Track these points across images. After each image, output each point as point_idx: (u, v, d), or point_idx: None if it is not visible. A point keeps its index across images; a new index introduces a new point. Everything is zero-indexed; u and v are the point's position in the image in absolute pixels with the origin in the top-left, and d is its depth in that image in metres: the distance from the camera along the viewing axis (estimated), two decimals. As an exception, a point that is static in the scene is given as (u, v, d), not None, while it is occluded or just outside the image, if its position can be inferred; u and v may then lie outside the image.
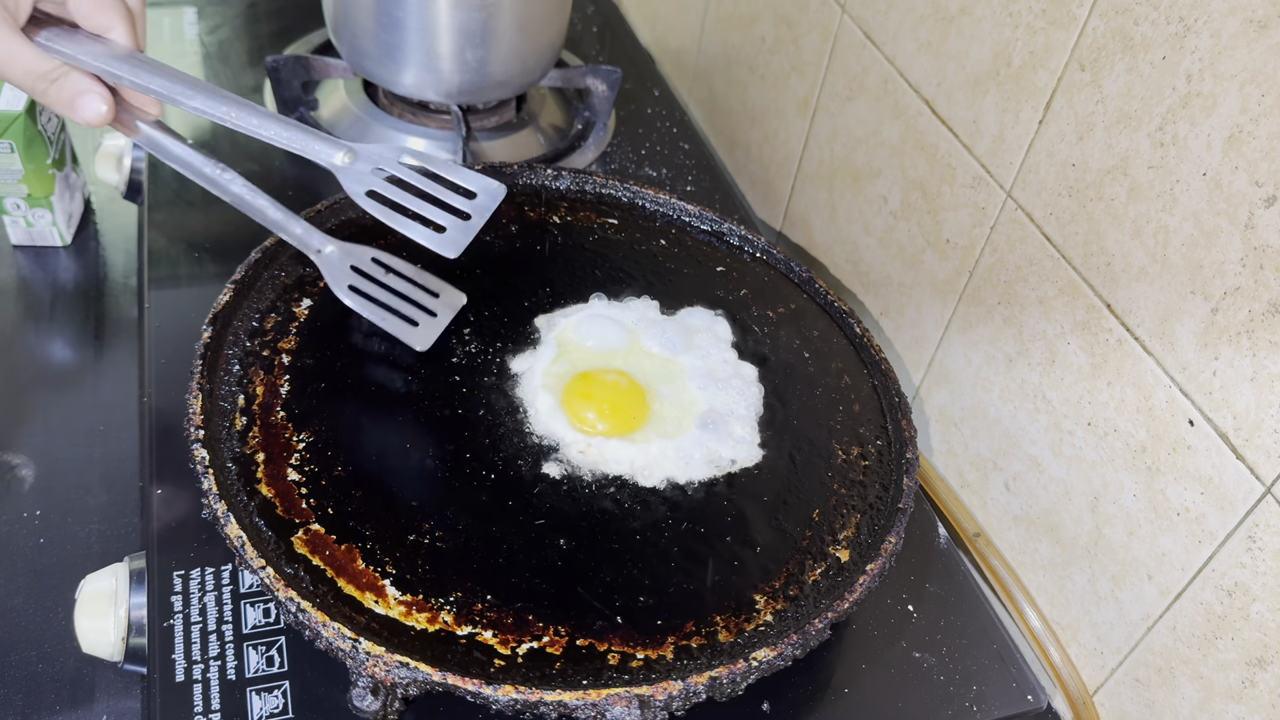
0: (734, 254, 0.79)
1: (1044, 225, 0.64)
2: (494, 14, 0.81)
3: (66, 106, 0.54)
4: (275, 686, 0.53)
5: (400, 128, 0.89)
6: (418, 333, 0.65)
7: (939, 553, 0.67)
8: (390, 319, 0.65)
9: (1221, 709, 0.56)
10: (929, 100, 0.72)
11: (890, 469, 0.65)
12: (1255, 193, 0.50)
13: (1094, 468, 0.62)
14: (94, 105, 0.54)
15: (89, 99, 0.54)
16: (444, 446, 0.61)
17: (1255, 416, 0.51)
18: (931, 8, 0.71)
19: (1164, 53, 0.54)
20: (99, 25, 0.54)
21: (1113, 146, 0.58)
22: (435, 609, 0.53)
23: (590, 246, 0.77)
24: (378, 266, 0.66)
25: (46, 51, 0.53)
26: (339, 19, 0.85)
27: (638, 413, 0.64)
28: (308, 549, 0.54)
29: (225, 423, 0.59)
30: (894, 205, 0.78)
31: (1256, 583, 0.52)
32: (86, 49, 0.54)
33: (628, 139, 0.97)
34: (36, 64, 0.52)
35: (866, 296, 0.83)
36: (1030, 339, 0.66)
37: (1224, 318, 0.52)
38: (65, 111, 0.54)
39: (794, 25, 0.88)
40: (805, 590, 0.57)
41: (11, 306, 0.83)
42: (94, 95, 0.54)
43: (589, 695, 0.48)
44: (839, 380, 0.70)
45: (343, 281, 0.65)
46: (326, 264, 0.65)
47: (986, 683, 0.60)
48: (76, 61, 0.54)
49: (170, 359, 0.69)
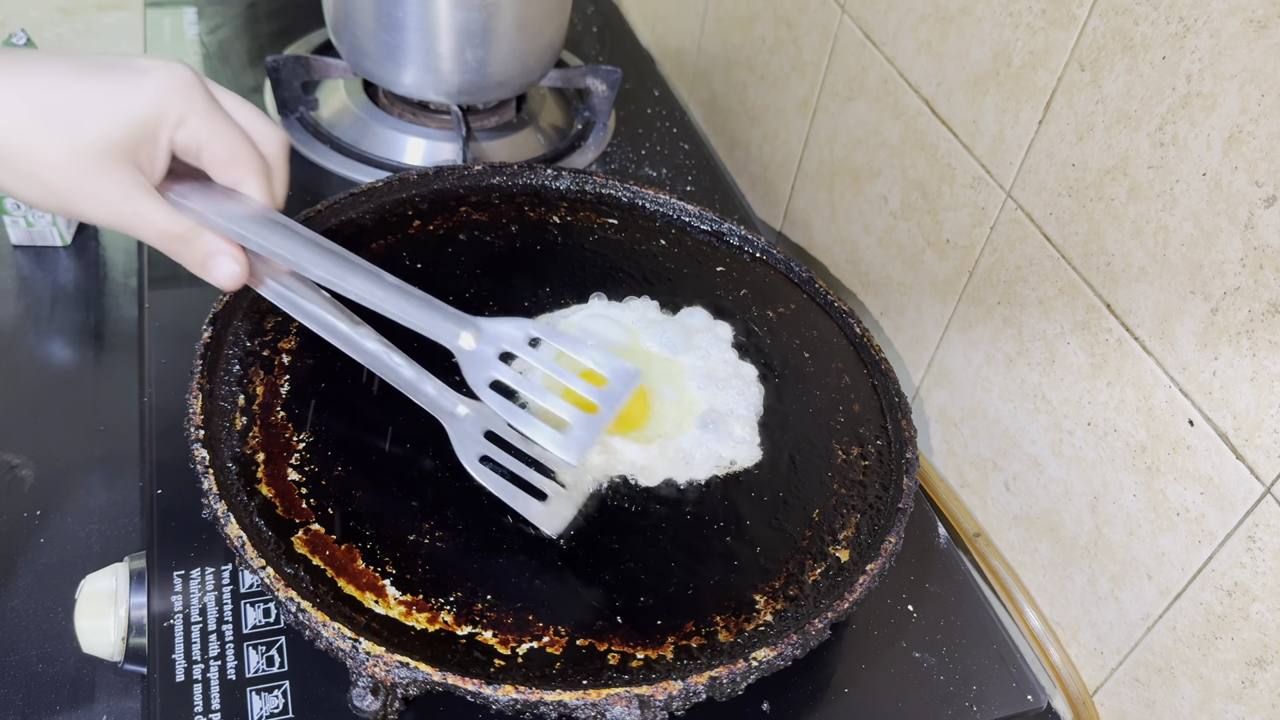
0: (734, 254, 0.79)
1: (1044, 225, 0.64)
2: (494, 14, 0.81)
3: (199, 268, 0.53)
4: (275, 686, 0.53)
5: (400, 128, 0.89)
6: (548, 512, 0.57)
7: (939, 553, 0.67)
8: (519, 497, 0.56)
9: (1221, 709, 0.56)
10: (929, 100, 0.72)
11: (890, 469, 0.65)
12: (1255, 193, 0.50)
13: (1094, 468, 0.62)
14: (228, 267, 0.53)
15: (222, 260, 0.53)
16: (444, 446, 0.61)
17: (1255, 416, 0.51)
18: (931, 8, 0.71)
19: (1164, 53, 0.54)
20: (232, 180, 0.53)
21: (1113, 146, 0.58)
22: (435, 609, 0.53)
23: (590, 246, 0.77)
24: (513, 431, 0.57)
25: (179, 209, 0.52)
26: (339, 19, 0.85)
27: (638, 413, 0.64)
28: (308, 549, 0.54)
29: (225, 423, 0.59)
30: (894, 205, 0.78)
31: (1256, 583, 0.52)
32: (217, 208, 0.53)
33: (628, 139, 0.97)
34: (169, 225, 0.51)
35: (866, 296, 0.83)
36: (1030, 339, 0.66)
37: (1224, 318, 0.52)
38: (199, 272, 0.54)
39: (794, 25, 0.88)
40: (805, 590, 0.57)
41: (11, 306, 0.83)
42: (227, 257, 0.53)
43: (589, 695, 0.48)
44: (839, 380, 0.70)
45: (474, 451, 0.56)
46: (458, 430, 0.57)
47: (986, 683, 0.60)
48: (207, 221, 0.52)
49: (170, 359, 0.69)
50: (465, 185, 0.79)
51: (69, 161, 0.47)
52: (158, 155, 0.50)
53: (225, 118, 0.52)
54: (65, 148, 0.47)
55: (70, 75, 0.48)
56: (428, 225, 0.75)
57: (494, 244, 0.75)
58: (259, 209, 0.54)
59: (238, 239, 0.53)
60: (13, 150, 0.47)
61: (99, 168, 0.48)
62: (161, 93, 0.49)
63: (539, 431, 0.54)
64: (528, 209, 0.79)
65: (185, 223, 0.52)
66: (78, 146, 0.47)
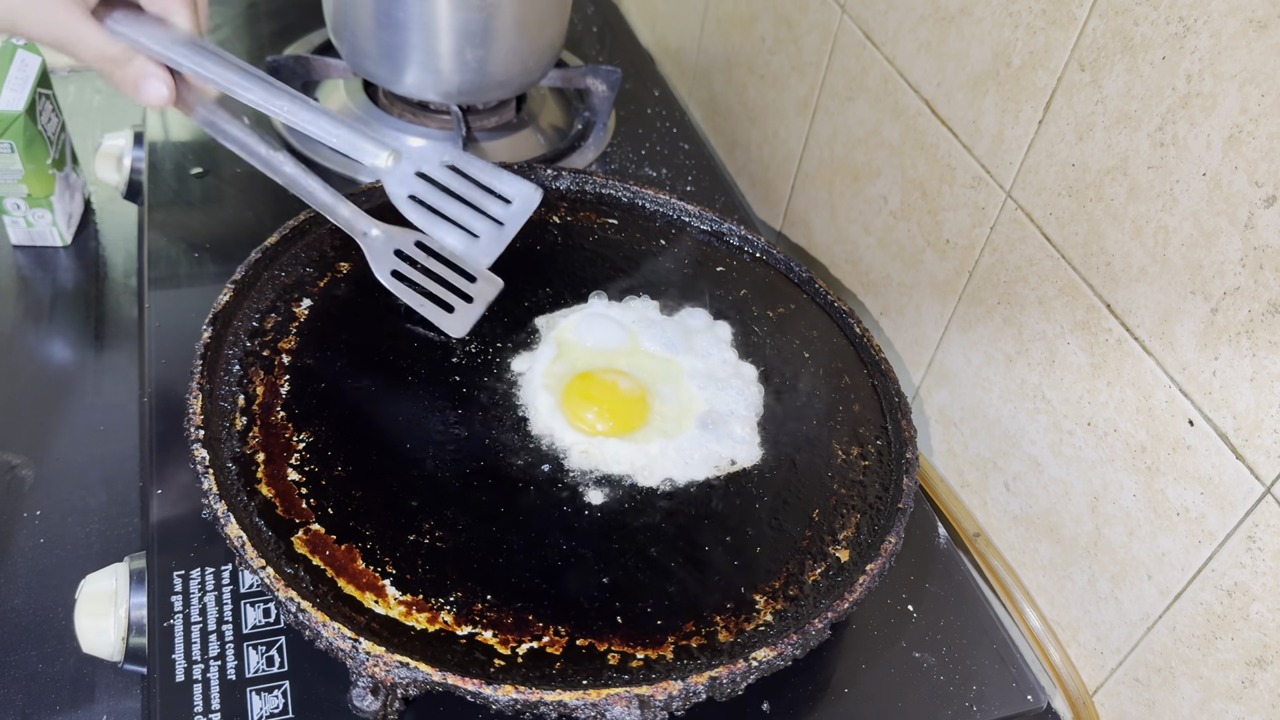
0: (734, 254, 0.79)
1: (1044, 225, 0.64)
2: (494, 14, 0.81)
3: (131, 88, 0.57)
4: (275, 686, 0.53)
5: (400, 128, 0.89)
6: (454, 319, 0.65)
7: (939, 553, 0.67)
8: (427, 305, 0.65)
9: (1221, 709, 0.56)
10: (929, 100, 0.72)
11: (890, 469, 0.65)
12: (1255, 193, 0.50)
13: (1094, 468, 0.62)
14: (156, 89, 0.57)
15: (152, 83, 0.57)
16: (444, 446, 0.61)
17: (1255, 416, 0.51)
18: (931, 8, 0.71)
19: (1164, 53, 0.54)
20: (161, 9, 0.56)
21: (1113, 146, 0.58)
22: (435, 609, 0.53)
23: (590, 246, 0.77)
24: (420, 251, 0.66)
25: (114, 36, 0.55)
26: (339, 19, 0.85)
27: (638, 413, 0.64)
28: (308, 549, 0.54)
29: (225, 423, 0.59)
30: (894, 205, 0.78)
31: (1256, 583, 0.52)
32: (150, 34, 0.56)
33: (628, 139, 0.97)
34: (105, 48, 0.54)
35: (866, 296, 0.83)
36: (1030, 339, 0.66)
37: (1224, 318, 0.53)
38: (130, 93, 0.57)
39: (794, 25, 0.88)
40: (805, 590, 0.57)
41: (11, 306, 0.83)
42: (156, 79, 0.57)
43: (589, 695, 0.48)
44: (839, 380, 0.70)
45: (386, 266, 0.65)
46: (371, 247, 0.65)
47: (986, 683, 0.60)
48: (140, 46, 0.56)
49: (170, 359, 0.69)
50: (465, 185, 0.79)
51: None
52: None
53: None
54: None
55: None
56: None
57: (494, 244, 0.75)
58: (188, 35, 0.57)
59: (170, 63, 0.57)
60: None
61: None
62: None
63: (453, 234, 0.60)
64: (528, 209, 0.79)
65: (119, 46, 0.55)
66: None
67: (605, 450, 0.62)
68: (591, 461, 0.61)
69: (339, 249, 0.70)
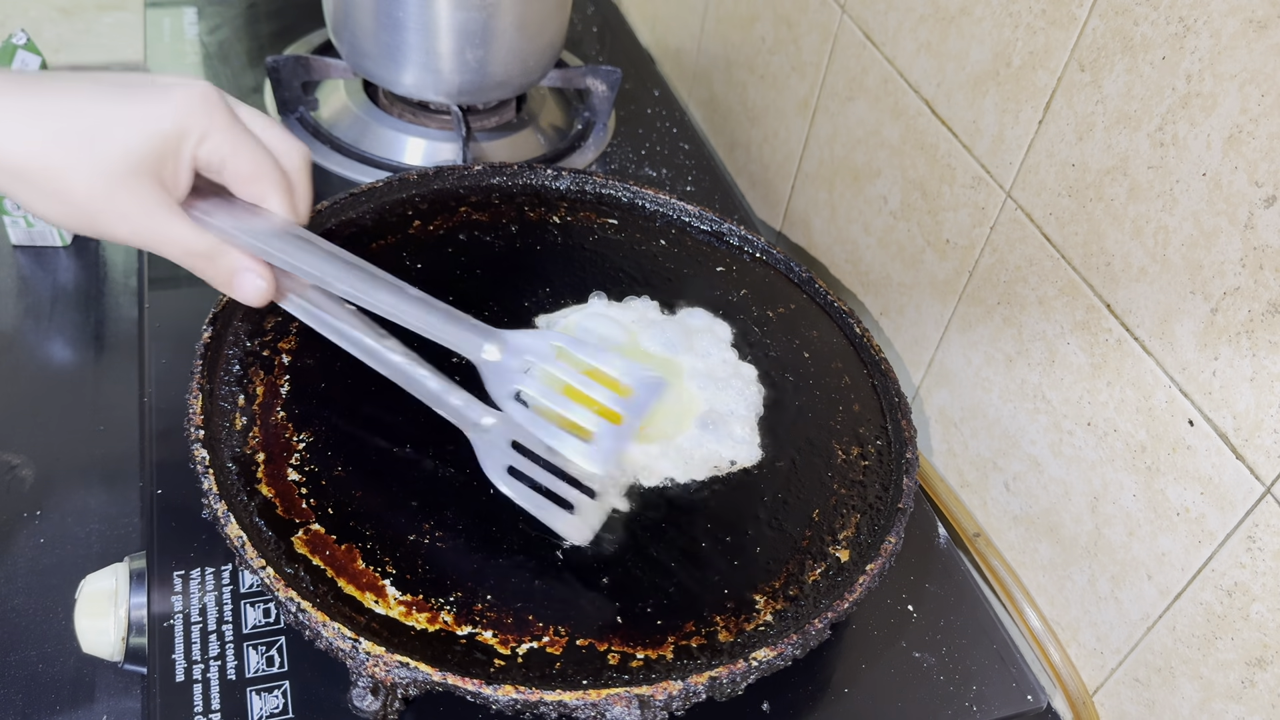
0: (734, 254, 0.79)
1: (1044, 225, 0.64)
2: (494, 14, 0.81)
3: (225, 285, 0.54)
4: (275, 686, 0.53)
5: (400, 128, 0.89)
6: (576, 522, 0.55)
7: (939, 553, 0.67)
8: (548, 509, 0.55)
9: (1221, 709, 0.56)
10: (929, 100, 0.72)
11: (890, 469, 0.65)
12: (1255, 193, 0.50)
13: (1094, 468, 0.62)
14: (253, 283, 0.53)
15: (247, 278, 0.53)
16: (444, 446, 0.61)
17: (1255, 416, 0.51)
18: (931, 8, 0.71)
19: (1164, 53, 0.54)
20: (254, 195, 0.53)
21: (1112, 146, 0.58)
22: (435, 609, 0.53)
23: (590, 246, 0.77)
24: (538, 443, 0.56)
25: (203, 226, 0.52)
26: (339, 19, 0.85)
27: (638, 413, 0.64)
28: (308, 549, 0.54)
29: (225, 423, 0.59)
30: (894, 205, 0.78)
31: (1256, 583, 0.52)
32: (241, 224, 0.53)
33: (628, 139, 0.97)
34: (194, 243, 0.51)
35: (866, 296, 0.83)
36: (1030, 339, 0.66)
37: (1224, 318, 0.53)
38: (225, 289, 0.54)
39: (794, 25, 0.88)
40: (805, 590, 0.57)
41: (11, 306, 0.83)
42: (252, 274, 0.53)
43: (589, 695, 0.48)
44: (839, 380, 0.70)
45: (500, 462, 0.55)
46: (484, 442, 0.56)
47: (986, 683, 0.60)
48: (230, 237, 0.52)
49: (170, 359, 0.69)
50: (465, 185, 0.79)
51: (94, 181, 0.48)
52: (181, 172, 0.50)
53: (246, 133, 0.52)
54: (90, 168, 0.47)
55: (93, 95, 0.48)
56: (428, 225, 0.75)
57: (494, 244, 0.75)
58: (282, 224, 0.54)
59: (261, 255, 0.53)
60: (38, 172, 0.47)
61: (123, 186, 0.48)
62: (183, 109, 0.49)
63: (565, 443, 0.54)
64: (528, 209, 0.79)
65: (209, 240, 0.52)
66: (102, 166, 0.47)
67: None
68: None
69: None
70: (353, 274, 0.55)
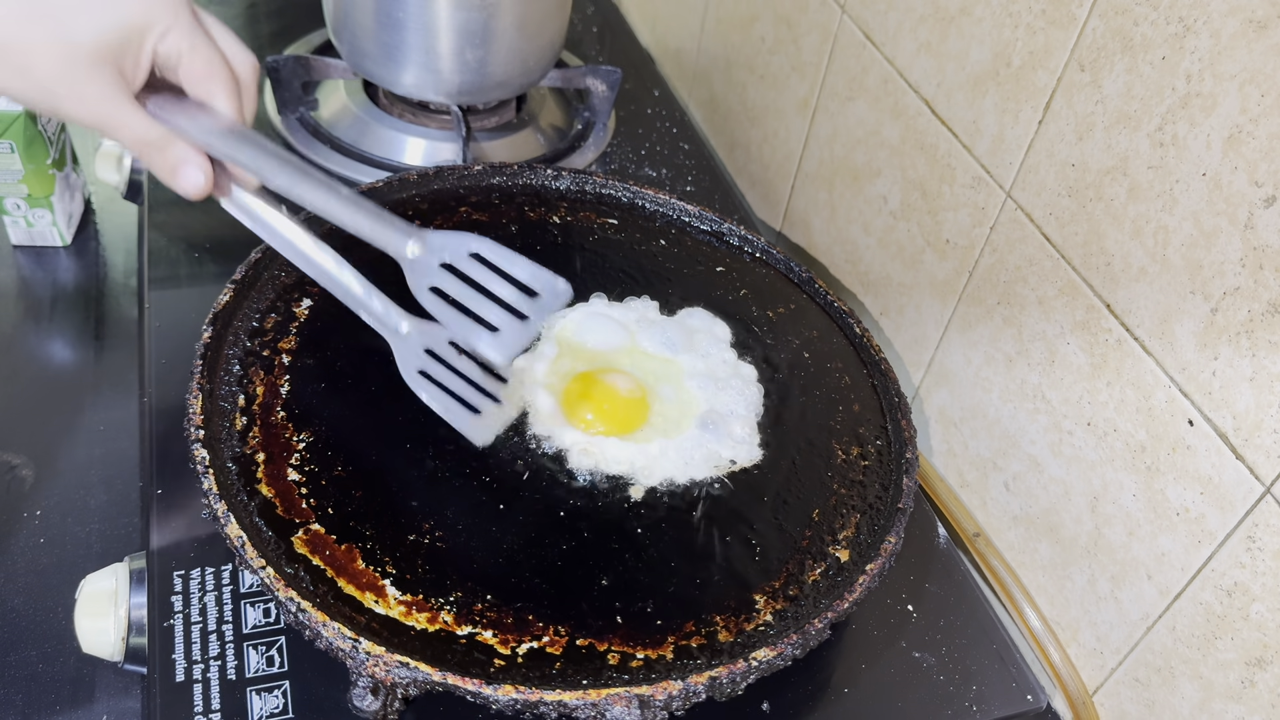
0: (734, 254, 0.79)
1: (1044, 225, 0.64)
2: (494, 14, 0.81)
3: (168, 174, 0.56)
4: (275, 686, 0.53)
5: (400, 128, 0.89)
6: (478, 425, 0.60)
7: (939, 553, 0.67)
8: (453, 409, 0.59)
9: (1221, 709, 0.56)
10: (929, 100, 0.72)
11: (890, 469, 0.65)
12: (1255, 193, 0.50)
13: (1094, 468, 0.62)
14: (193, 176, 0.55)
15: (189, 169, 0.55)
16: (444, 446, 0.61)
17: (1255, 416, 0.51)
18: (931, 8, 0.71)
19: (1164, 53, 0.54)
20: (204, 94, 0.55)
21: (1112, 146, 0.58)
22: (435, 609, 0.53)
23: (590, 246, 0.77)
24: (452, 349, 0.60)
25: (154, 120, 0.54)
26: (339, 19, 0.85)
27: (637, 413, 0.64)
28: (308, 549, 0.54)
29: (225, 423, 0.59)
30: (894, 205, 0.78)
31: (1256, 583, 0.52)
32: (189, 119, 0.55)
33: (628, 139, 0.97)
34: (145, 132, 0.53)
35: (866, 296, 0.83)
36: (1030, 339, 0.66)
37: (1224, 318, 0.53)
38: (167, 179, 0.56)
39: (794, 25, 0.88)
40: (805, 590, 0.57)
41: (11, 306, 0.83)
42: (194, 166, 0.55)
43: (589, 695, 0.48)
44: (839, 380, 0.70)
45: (414, 366, 0.60)
46: (402, 346, 0.60)
47: (986, 683, 0.60)
48: (179, 131, 0.55)
49: (170, 359, 0.69)
50: (465, 185, 0.79)
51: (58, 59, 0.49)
52: (141, 62, 0.52)
53: (205, 34, 0.54)
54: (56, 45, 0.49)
55: None
56: (428, 225, 0.75)
57: (494, 244, 0.75)
58: (228, 122, 0.56)
59: (206, 148, 0.55)
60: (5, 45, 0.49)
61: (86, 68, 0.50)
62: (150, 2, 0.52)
63: (472, 332, 0.57)
64: (528, 209, 0.79)
65: (160, 130, 0.54)
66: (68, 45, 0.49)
67: (605, 450, 0.62)
68: (592, 461, 0.61)
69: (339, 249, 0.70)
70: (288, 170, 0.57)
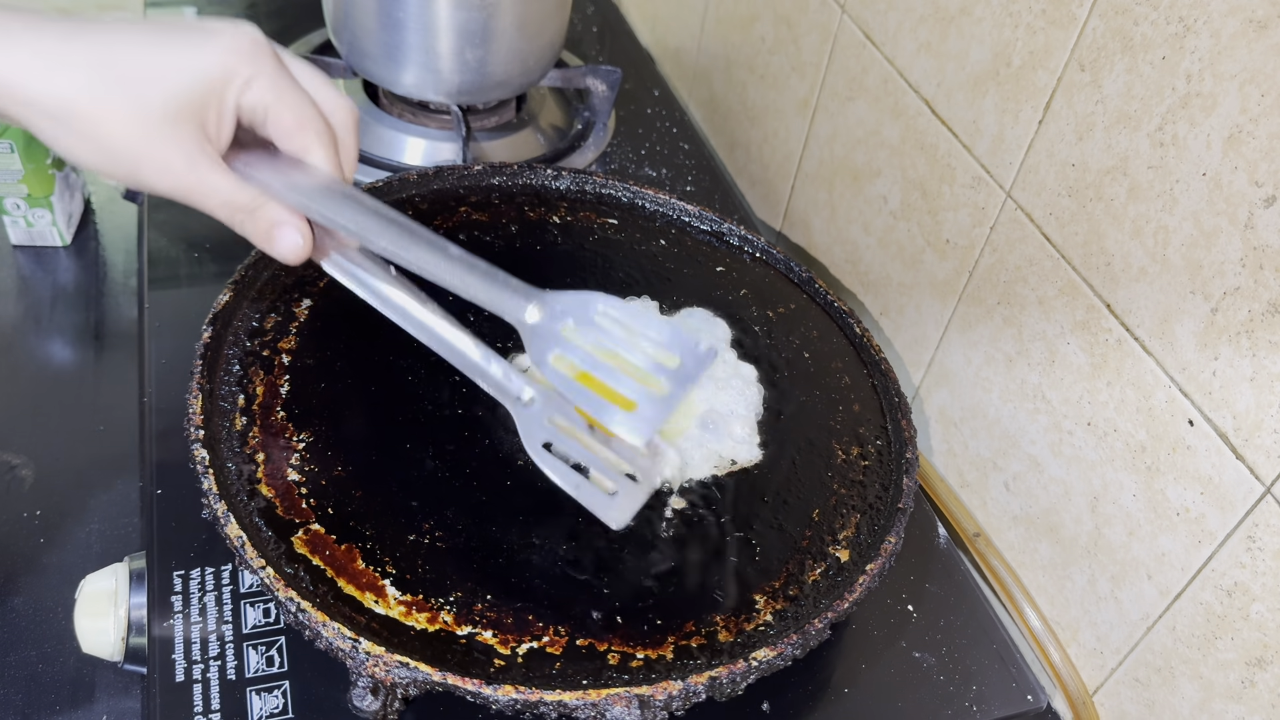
0: (734, 254, 0.79)
1: (1044, 225, 0.64)
2: (494, 14, 0.81)
3: (264, 240, 0.51)
4: (275, 686, 0.53)
5: (400, 128, 0.89)
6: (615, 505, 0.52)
7: (939, 553, 0.67)
8: (586, 488, 0.52)
9: (1221, 709, 0.56)
10: (929, 100, 0.72)
11: (890, 469, 0.65)
12: (1255, 193, 0.50)
13: (1094, 468, 0.62)
14: (291, 239, 0.51)
15: (285, 233, 0.51)
16: (444, 446, 0.61)
17: (1255, 416, 0.51)
18: (931, 8, 0.71)
19: (1164, 53, 0.54)
20: (297, 148, 0.51)
21: (1112, 146, 0.58)
22: (435, 609, 0.53)
23: (590, 246, 0.77)
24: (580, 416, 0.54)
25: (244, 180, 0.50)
26: (339, 19, 0.85)
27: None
28: (308, 549, 0.54)
29: (225, 423, 0.59)
30: (894, 205, 0.78)
31: (1256, 583, 0.52)
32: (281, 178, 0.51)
33: (628, 139, 0.97)
34: (234, 195, 0.49)
35: (866, 296, 0.83)
36: (1030, 339, 0.66)
37: (1224, 318, 0.53)
38: (262, 244, 0.51)
39: (794, 25, 0.88)
40: (805, 590, 0.57)
41: (11, 306, 0.83)
42: (290, 229, 0.51)
43: (589, 695, 0.48)
44: (839, 380, 0.70)
45: (538, 438, 0.53)
46: (525, 415, 0.54)
47: (986, 683, 0.60)
48: (271, 191, 0.50)
49: (170, 359, 0.69)
50: (465, 185, 0.79)
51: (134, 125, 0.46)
52: (224, 118, 0.49)
53: (293, 82, 0.50)
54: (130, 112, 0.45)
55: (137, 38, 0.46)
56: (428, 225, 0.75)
57: (494, 244, 0.75)
58: (325, 179, 0.52)
59: (302, 210, 0.51)
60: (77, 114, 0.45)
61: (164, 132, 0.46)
62: (228, 53, 0.47)
63: (604, 411, 0.51)
64: (528, 209, 0.79)
65: (250, 192, 0.50)
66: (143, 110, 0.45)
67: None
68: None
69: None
70: (393, 230, 0.52)
